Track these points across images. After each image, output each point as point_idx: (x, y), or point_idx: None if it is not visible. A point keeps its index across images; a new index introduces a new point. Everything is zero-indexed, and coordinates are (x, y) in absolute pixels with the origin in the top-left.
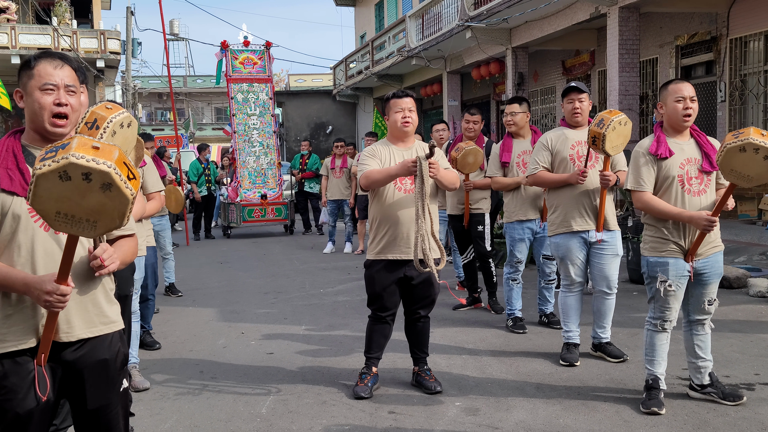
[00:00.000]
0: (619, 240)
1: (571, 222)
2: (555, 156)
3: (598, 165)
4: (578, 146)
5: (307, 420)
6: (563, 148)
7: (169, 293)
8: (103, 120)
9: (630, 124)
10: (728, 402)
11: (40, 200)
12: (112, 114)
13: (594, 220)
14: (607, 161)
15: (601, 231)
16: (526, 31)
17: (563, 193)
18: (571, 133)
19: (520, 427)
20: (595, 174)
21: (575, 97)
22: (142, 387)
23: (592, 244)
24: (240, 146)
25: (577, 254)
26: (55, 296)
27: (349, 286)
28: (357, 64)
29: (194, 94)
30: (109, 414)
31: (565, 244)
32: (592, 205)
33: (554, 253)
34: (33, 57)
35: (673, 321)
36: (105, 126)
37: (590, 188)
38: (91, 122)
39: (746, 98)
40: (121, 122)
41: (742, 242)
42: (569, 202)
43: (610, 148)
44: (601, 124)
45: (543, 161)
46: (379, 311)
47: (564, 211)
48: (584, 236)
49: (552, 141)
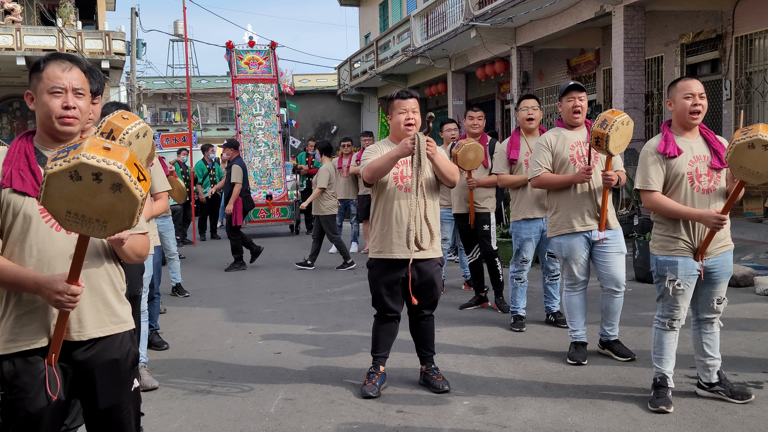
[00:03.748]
0: (622, 237)
1: (574, 222)
2: (555, 157)
3: (599, 165)
4: (577, 147)
5: (315, 419)
6: (563, 149)
7: (176, 293)
8: (119, 131)
9: (632, 123)
10: (736, 400)
11: (51, 200)
12: (128, 125)
13: (595, 220)
14: (609, 161)
15: (603, 230)
16: (530, 30)
17: (565, 194)
18: (569, 133)
19: (528, 425)
20: (596, 174)
21: (576, 96)
22: (150, 386)
23: (594, 244)
24: (245, 146)
25: (581, 254)
26: (65, 296)
27: (356, 286)
28: (361, 64)
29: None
30: (121, 414)
31: (568, 244)
32: (593, 204)
33: (557, 253)
34: (42, 59)
35: (681, 320)
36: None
37: (592, 188)
38: (107, 133)
39: (752, 96)
40: (137, 133)
41: (748, 240)
42: (571, 202)
43: (613, 149)
44: (604, 124)
45: (545, 163)
46: (384, 311)
47: (565, 211)
48: (587, 235)
49: (552, 142)
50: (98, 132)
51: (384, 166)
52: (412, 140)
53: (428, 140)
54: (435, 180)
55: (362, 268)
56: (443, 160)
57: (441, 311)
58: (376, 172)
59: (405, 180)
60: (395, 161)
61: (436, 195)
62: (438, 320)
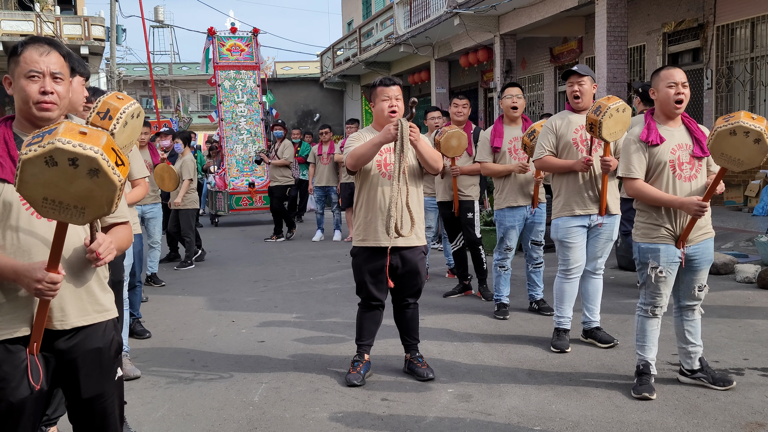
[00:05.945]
0: (617, 225)
1: (574, 206)
2: (559, 140)
3: (600, 151)
4: (581, 130)
5: (299, 408)
6: (567, 132)
7: (151, 283)
8: (116, 111)
9: (629, 110)
10: (718, 387)
11: (26, 186)
12: (124, 105)
13: (596, 205)
14: (607, 147)
15: (603, 215)
16: (514, 18)
17: (567, 179)
18: (574, 117)
19: (512, 413)
20: (597, 160)
21: (575, 81)
22: (132, 375)
23: (591, 228)
24: (227, 134)
25: (577, 238)
26: (45, 284)
27: (339, 274)
28: (344, 52)
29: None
30: (105, 403)
31: (565, 226)
32: (594, 190)
33: (554, 235)
34: (20, 43)
35: (663, 307)
36: (118, 117)
37: (593, 174)
38: (103, 112)
39: (733, 85)
40: (132, 113)
41: (728, 229)
42: (572, 187)
43: (607, 135)
44: (598, 111)
45: (548, 145)
46: (369, 299)
47: (567, 194)
48: (586, 220)
49: (557, 124)
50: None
51: (367, 153)
52: (395, 126)
53: (411, 126)
54: (418, 167)
55: (346, 256)
56: (426, 147)
57: (425, 299)
58: (359, 159)
59: (389, 167)
60: (378, 147)
61: (420, 182)
62: (422, 308)
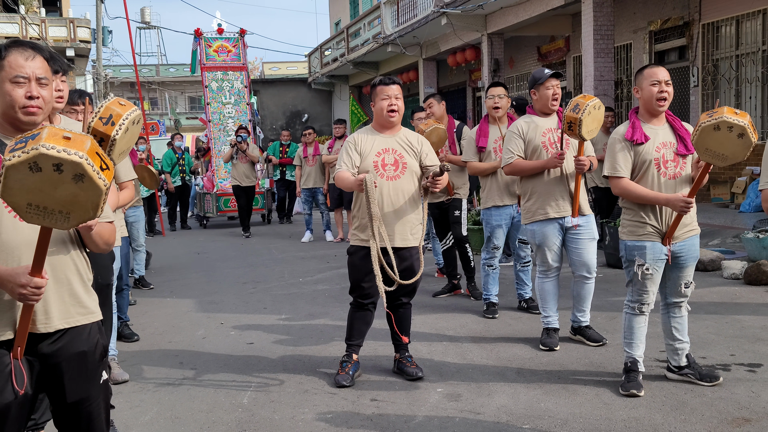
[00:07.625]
0: (594, 224)
1: (547, 209)
2: (527, 144)
3: (571, 150)
4: (549, 133)
5: (289, 409)
6: (535, 136)
7: (139, 286)
8: (119, 117)
9: (603, 107)
10: (705, 383)
11: (10, 192)
12: (127, 111)
13: (569, 206)
14: (581, 146)
15: (576, 216)
16: (501, 17)
17: (538, 180)
18: (540, 120)
19: (501, 411)
20: (569, 159)
21: (555, 84)
22: (121, 379)
23: (567, 230)
24: (215, 135)
25: (554, 240)
26: (29, 289)
27: (329, 275)
28: (332, 52)
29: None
30: (90, 407)
31: (542, 231)
32: (566, 190)
33: (531, 240)
34: (4, 47)
35: (650, 304)
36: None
37: (565, 174)
38: (106, 118)
39: (718, 83)
40: (133, 119)
41: (715, 225)
42: (544, 188)
43: (586, 133)
44: (577, 109)
45: (517, 150)
46: (361, 298)
47: (539, 198)
48: (560, 222)
49: (523, 129)
50: (96, 117)
51: (347, 187)
52: (359, 184)
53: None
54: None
55: (335, 257)
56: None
57: (414, 299)
58: (343, 185)
59: (387, 168)
60: (354, 188)
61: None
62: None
